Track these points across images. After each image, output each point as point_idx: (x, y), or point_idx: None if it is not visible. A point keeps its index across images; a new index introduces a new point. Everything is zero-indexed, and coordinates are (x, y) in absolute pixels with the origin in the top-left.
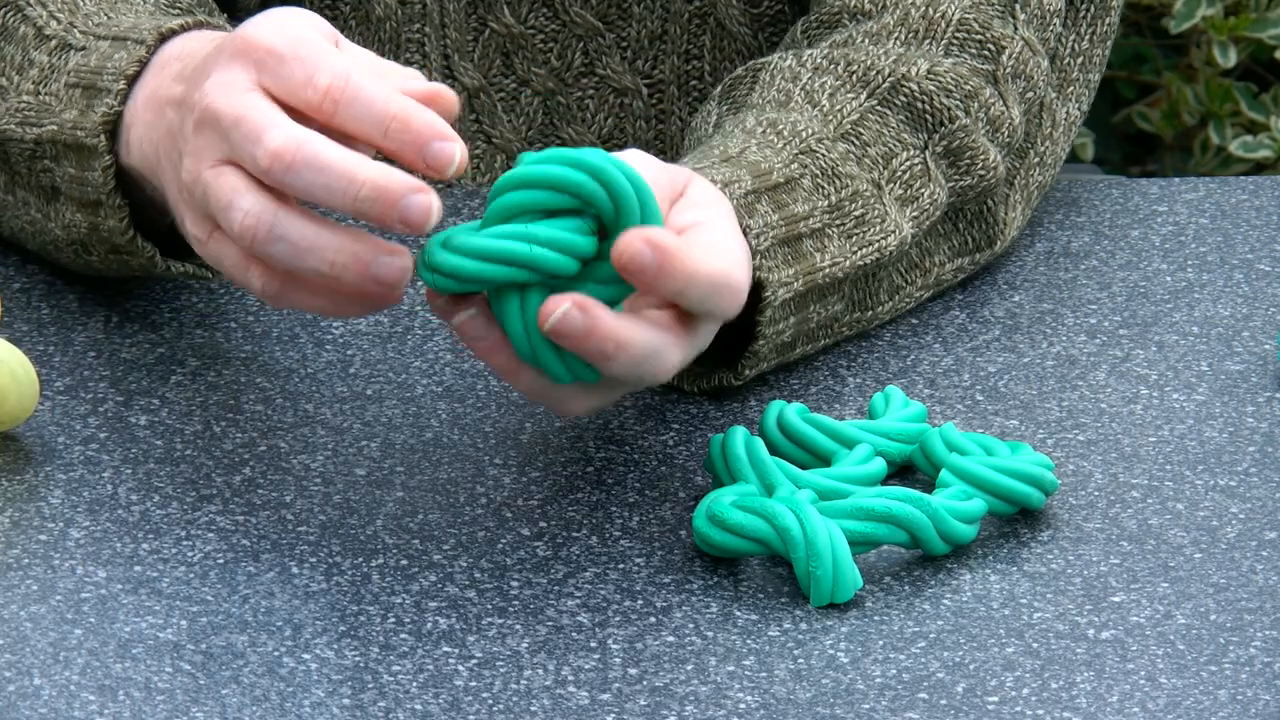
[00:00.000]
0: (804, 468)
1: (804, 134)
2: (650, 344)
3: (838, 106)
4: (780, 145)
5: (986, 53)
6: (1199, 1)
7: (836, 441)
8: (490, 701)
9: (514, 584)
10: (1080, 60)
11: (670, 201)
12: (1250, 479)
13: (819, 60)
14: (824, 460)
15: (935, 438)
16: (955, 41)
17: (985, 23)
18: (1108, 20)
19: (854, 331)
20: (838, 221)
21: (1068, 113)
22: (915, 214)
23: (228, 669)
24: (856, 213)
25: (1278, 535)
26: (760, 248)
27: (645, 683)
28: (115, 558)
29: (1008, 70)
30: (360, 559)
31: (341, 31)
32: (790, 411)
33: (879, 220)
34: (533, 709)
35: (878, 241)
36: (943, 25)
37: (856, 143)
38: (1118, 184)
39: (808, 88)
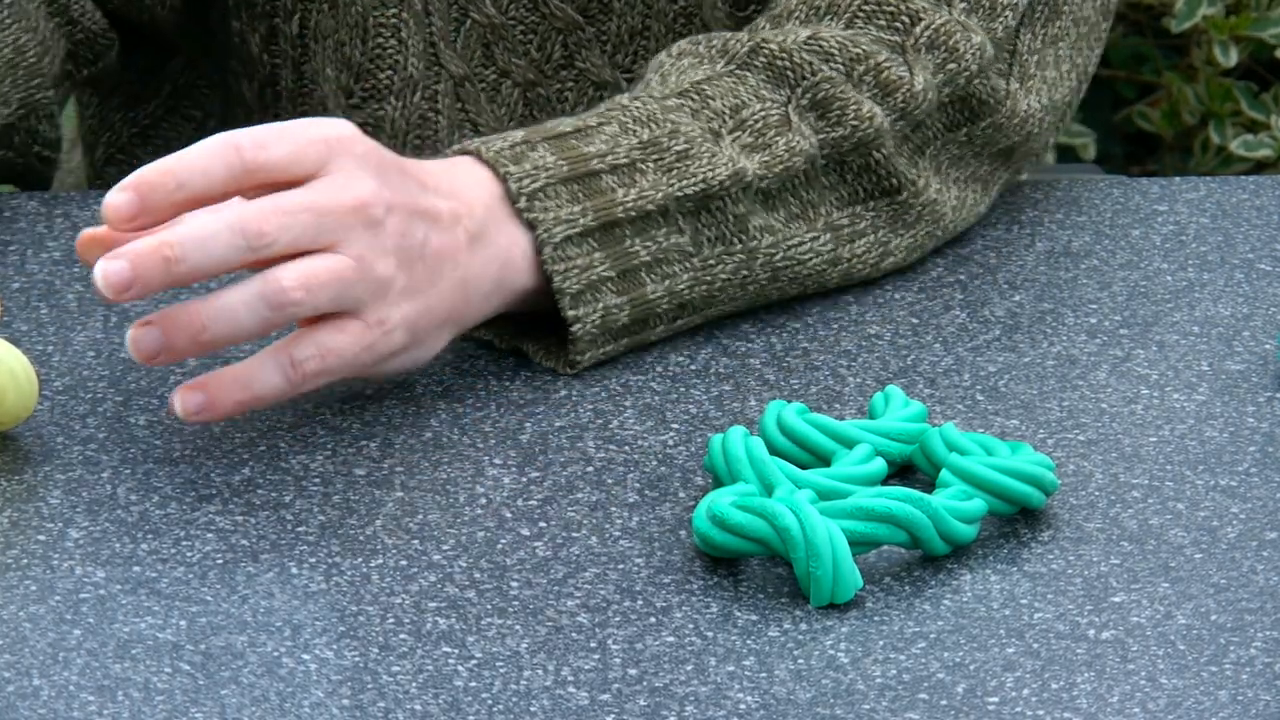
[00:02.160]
0: (804, 468)
1: (622, 98)
2: (214, 220)
3: (684, 75)
4: (590, 111)
5: (899, 25)
6: (1199, 1)
7: (836, 441)
8: (490, 702)
9: (514, 584)
10: (1036, 58)
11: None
12: (1251, 479)
13: (685, 45)
14: (824, 460)
15: (935, 438)
16: (861, 15)
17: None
18: (1058, 24)
19: (735, 266)
20: (654, 156)
21: (1029, 105)
22: (766, 159)
23: (227, 669)
24: (678, 148)
25: (1278, 535)
26: (526, 190)
27: (645, 683)
28: (115, 558)
29: (921, 41)
30: (360, 559)
31: (311, 14)
32: (790, 411)
33: (707, 155)
34: (533, 709)
35: (703, 173)
36: (848, 1)
37: (696, 98)
38: (1118, 184)
39: (664, 70)
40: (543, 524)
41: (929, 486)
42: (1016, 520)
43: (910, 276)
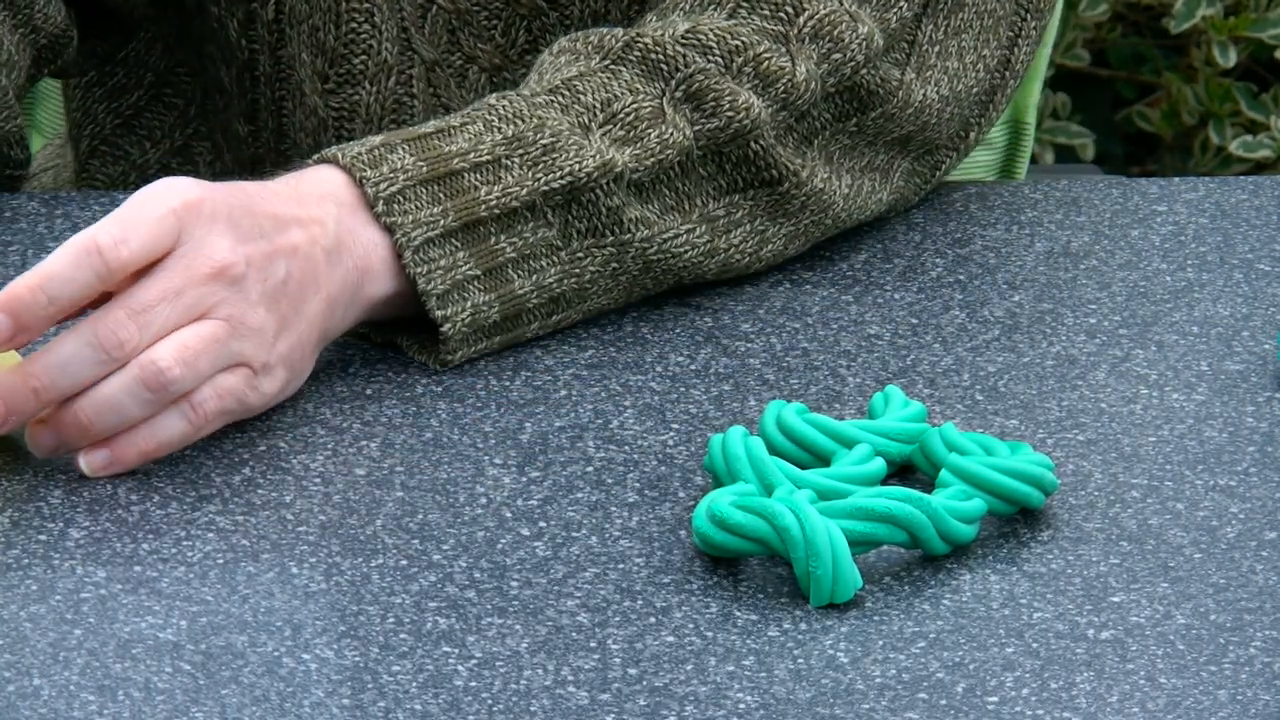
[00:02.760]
0: (804, 468)
1: (490, 98)
2: (73, 341)
3: (558, 72)
4: (458, 112)
5: (782, 15)
6: (1199, 1)
7: (836, 441)
8: (490, 701)
9: (514, 584)
10: (937, 49)
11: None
12: (1250, 479)
13: (564, 42)
14: (824, 460)
15: (935, 437)
16: (744, 5)
17: None
18: (961, 16)
19: (605, 259)
20: (519, 152)
21: (925, 95)
22: (637, 152)
23: (228, 669)
24: (544, 141)
25: (1278, 535)
26: (385, 194)
27: (645, 683)
28: (115, 558)
29: (805, 31)
30: (360, 559)
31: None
32: (790, 411)
33: (575, 148)
34: (532, 709)
35: (570, 165)
36: None
37: (566, 94)
38: (1118, 184)
39: (542, 68)
40: (543, 524)
41: (929, 486)
42: (1016, 520)
43: (910, 276)
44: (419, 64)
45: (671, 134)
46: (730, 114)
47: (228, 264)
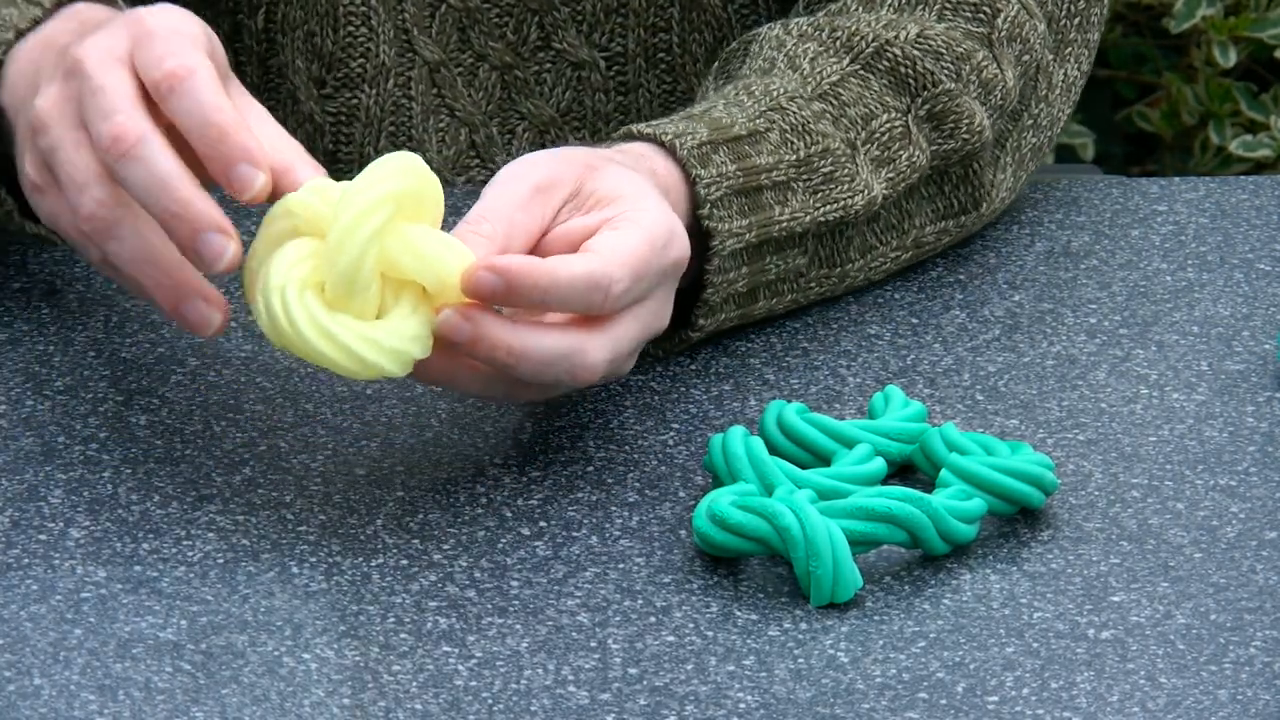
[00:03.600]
0: (804, 467)
1: (775, 93)
2: (554, 349)
3: (818, 69)
4: (749, 104)
5: (981, 16)
6: (1199, 1)
7: (836, 441)
8: (490, 701)
9: (514, 584)
10: (1078, 20)
11: (563, 202)
12: (1250, 479)
13: (805, 27)
14: (824, 460)
15: (935, 437)
16: (949, 6)
17: None
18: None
19: (824, 288)
20: (804, 176)
21: (1065, 74)
22: (890, 175)
23: (228, 669)
24: (825, 169)
25: (1278, 535)
26: (711, 197)
27: (645, 682)
28: (115, 558)
29: (1003, 34)
30: (360, 559)
31: (278, 7)
32: (790, 411)
33: (848, 179)
34: (533, 709)
35: (844, 199)
36: None
37: (834, 103)
38: (1118, 184)
39: (791, 53)
40: (543, 523)
41: (929, 486)
42: (1016, 520)
43: (910, 276)
44: (419, 65)
45: (917, 155)
46: (966, 136)
47: (680, 263)
